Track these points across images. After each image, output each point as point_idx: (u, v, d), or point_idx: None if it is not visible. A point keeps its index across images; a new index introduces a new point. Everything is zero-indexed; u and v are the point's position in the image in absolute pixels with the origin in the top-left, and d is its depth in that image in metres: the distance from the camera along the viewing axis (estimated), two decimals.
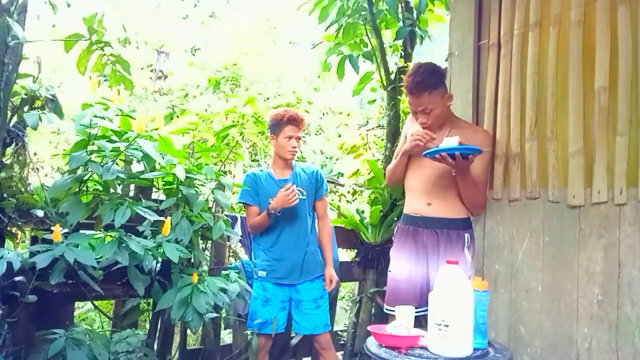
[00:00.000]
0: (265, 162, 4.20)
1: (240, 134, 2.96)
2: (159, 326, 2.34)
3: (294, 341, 2.93)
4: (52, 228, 1.77)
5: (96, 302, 2.24)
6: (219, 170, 2.37)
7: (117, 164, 1.99)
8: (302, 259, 2.50)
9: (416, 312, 1.91)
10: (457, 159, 1.93)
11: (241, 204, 2.64)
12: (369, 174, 3.61)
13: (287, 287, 2.51)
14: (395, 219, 3.04)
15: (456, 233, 2.14)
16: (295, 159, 2.65)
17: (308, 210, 2.56)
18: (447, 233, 2.14)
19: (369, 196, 3.36)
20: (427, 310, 1.70)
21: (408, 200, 2.28)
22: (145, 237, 1.98)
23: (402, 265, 2.22)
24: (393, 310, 2.10)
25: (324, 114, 6.39)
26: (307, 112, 5.86)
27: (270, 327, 2.43)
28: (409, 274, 2.18)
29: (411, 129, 2.30)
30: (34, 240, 1.96)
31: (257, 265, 2.52)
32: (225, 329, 2.96)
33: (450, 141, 1.95)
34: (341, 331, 3.30)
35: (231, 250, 3.24)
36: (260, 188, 2.50)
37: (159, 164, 2.02)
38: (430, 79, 2.07)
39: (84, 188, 1.99)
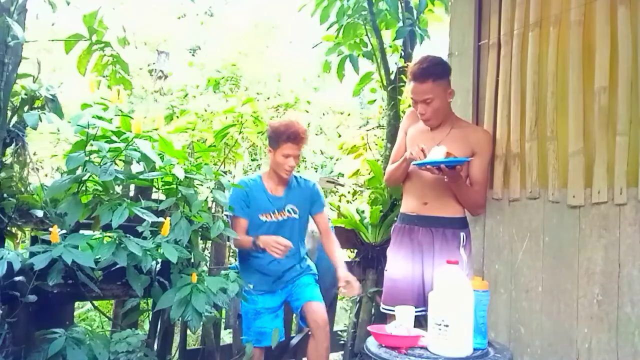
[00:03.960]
0: (262, 161, 4.18)
1: (240, 134, 2.96)
2: (159, 326, 2.34)
3: (293, 341, 2.93)
4: (50, 229, 1.77)
5: (96, 302, 2.23)
6: (218, 170, 2.37)
7: (116, 164, 1.98)
8: (292, 276, 2.43)
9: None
10: (443, 170, 1.94)
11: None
12: (369, 174, 3.61)
13: (280, 290, 2.45)
14: (395, 219, 3.03)
15: (451, 232, 2.13)
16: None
17: (299, 229, 2.44)
18: (442, 231, 2.14)
19: (369, 196, 3.36)
20: (424, 310, 1.70)
21: (405, 199, 2.28)
22: (145, 238, 1.98)
23: (399, 264, 2.22)
24: (390, 310, 2.10)
25: (323, 114, 6.39)
26: (307, 111, 5.84)
27: (267, 339, 2.34)
28: (406, 273, 2.18)
29: (411, 127, 2.29)
30: (34, 240, 1.96)
31: (245, 277, 2.36)
32: (225, 329, 2.96)
33: (437, 151, 1.94)
34: (341, 331, 3.30)
35: (231, 250, 3.23)
36: (250, 198, 2.37)
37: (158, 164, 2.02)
38: (436, 68, 2.07)
39: (83, 188, 1.98)
